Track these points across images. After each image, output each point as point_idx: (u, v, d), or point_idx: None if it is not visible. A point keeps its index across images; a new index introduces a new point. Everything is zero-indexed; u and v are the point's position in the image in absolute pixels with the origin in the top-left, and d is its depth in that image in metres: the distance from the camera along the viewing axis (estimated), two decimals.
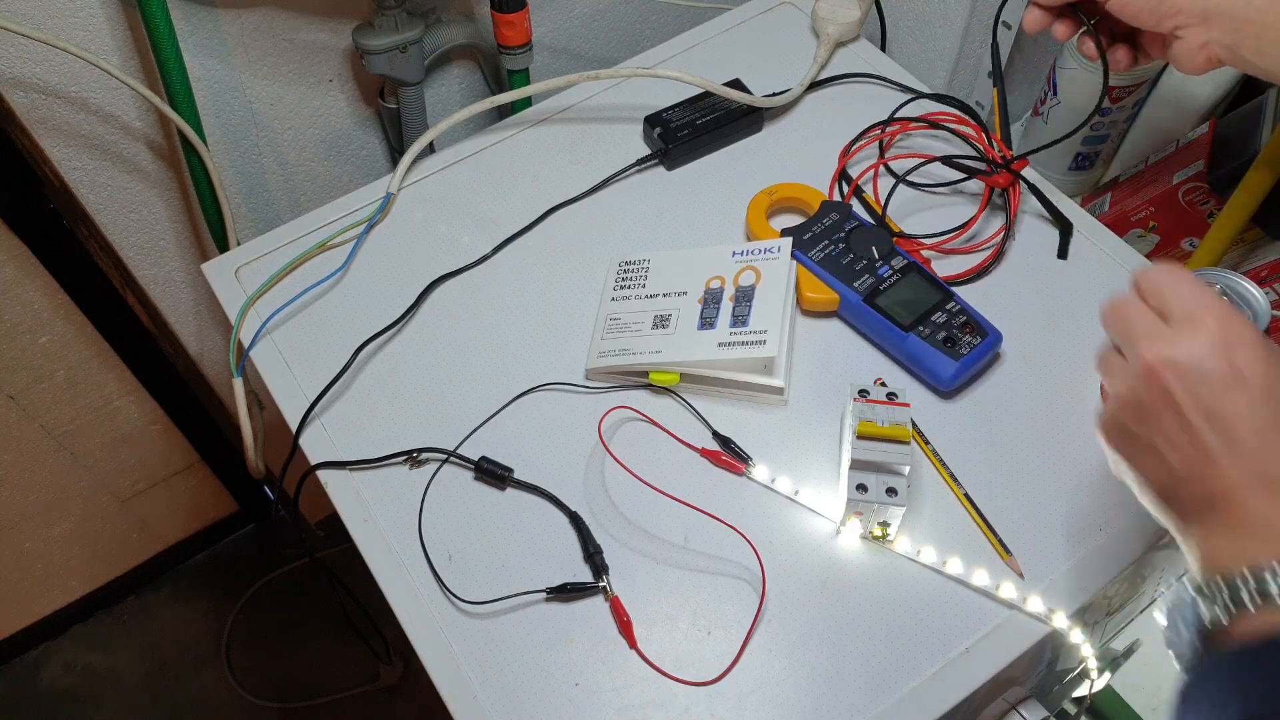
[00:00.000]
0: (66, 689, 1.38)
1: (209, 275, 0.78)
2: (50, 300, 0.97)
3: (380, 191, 0.81)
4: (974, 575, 0.60)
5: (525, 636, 0.60)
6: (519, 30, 0.87)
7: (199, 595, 1.45)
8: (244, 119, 0.90)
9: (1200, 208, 0.89)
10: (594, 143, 0.85)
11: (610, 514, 0.64)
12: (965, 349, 0.67)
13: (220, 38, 0.83)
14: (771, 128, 0.86)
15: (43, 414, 1.08)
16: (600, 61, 1.07)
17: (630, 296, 0.73)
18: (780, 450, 0.67)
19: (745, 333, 0.67)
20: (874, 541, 0.63)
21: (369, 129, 0.99)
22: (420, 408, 0.70)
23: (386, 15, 0.83)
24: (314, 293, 0.76)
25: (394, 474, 0.67)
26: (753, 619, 0.60)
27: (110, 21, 0.78)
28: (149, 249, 0.97)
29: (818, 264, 0.72)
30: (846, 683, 0.58)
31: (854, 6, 0.89)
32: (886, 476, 0.60)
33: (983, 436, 0.67)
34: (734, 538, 0.62)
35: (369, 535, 0.64)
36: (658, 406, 0.69)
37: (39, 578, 1.32)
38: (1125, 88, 0.88)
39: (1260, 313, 0.59)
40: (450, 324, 0.74)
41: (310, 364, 0.72)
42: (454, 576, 0.62)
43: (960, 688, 0.57)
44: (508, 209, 0.80)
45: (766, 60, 0.89)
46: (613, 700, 0.57)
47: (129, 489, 1.27)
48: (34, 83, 0.79)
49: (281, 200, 0.99)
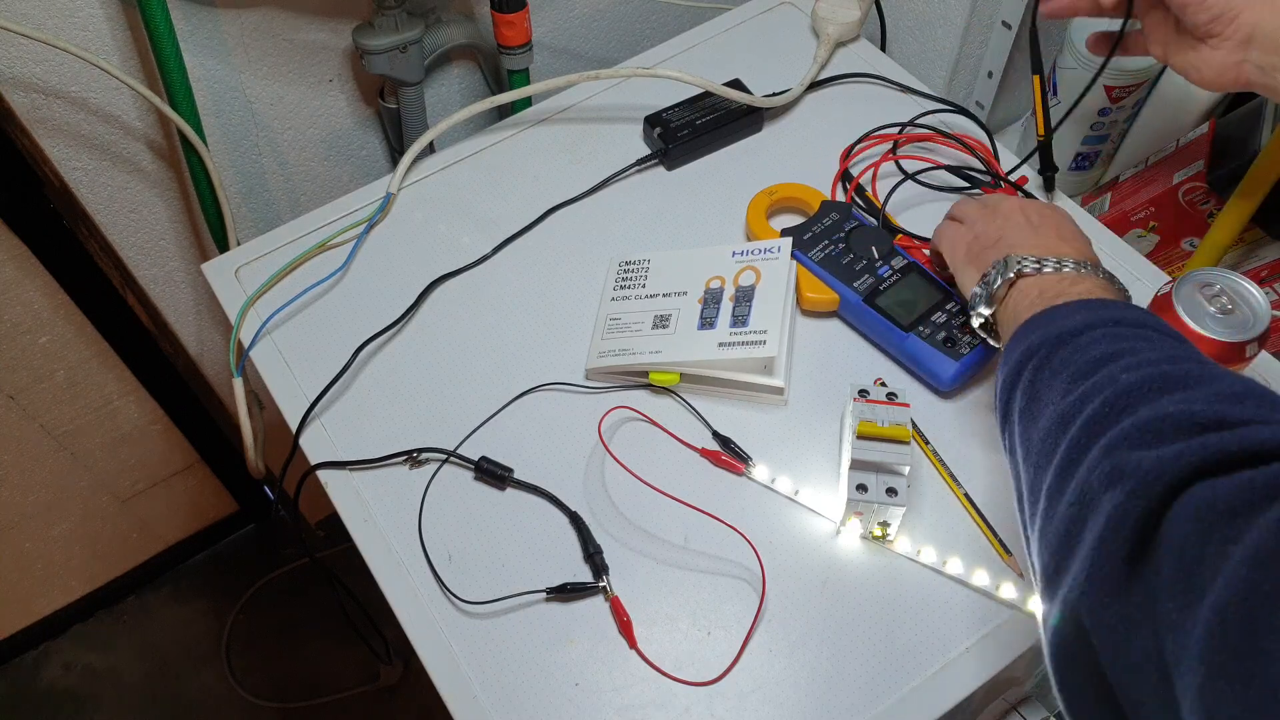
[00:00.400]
0: (66, 689, 1.38)
1: (209, 275, 0.78)
2: (50, 300, 0.97)
3: (380, 191, 0.81)
4: (974, 575, 0.60)
5: (525, 636, 0.60)
6: (519, 30, 0.87)
7: (199, 595, 1.45)
8: (244, 119, 0.90)
9: (1200, 208, 0.89)
10: (594, 143, 0.85)
11: (610, 514, 0.64)
12: (965, 349, 0.67)
13: (220, 38, 0.83)
14: (771, 128, 0.86)
15: (43, 414, 1.08)
16: (600, 61, 1.07)
17: (630, 296, 0.73)
18: (780, 450, 0.67)
19: (745, 333, 0.67)
20: (874, 541, 0.63)
21: (369, 129, 0.99)
22: (420, 408, 0.70)
23: (386, 15, 0.83)
24: (314, 293, 0.76)
25: (394, 474, 0.67)
26: (753, 619, 0.60)
27: (110, 21, 0.78)
28: (149, 249, 0.97)
29: (818, 264, 0.72)
30: (846, 683, 0.58)
31: (854, 6, 0.89)
32: (886, 476, 0.60)
33: (983, 436, 0.67)
34: (734, 538, 0.62)
35: (369, 535, 0.64)
36: (658, 406, 0.69)
37: (39, 578, 1.32)
38: (1125, 88, 0.88)
39: (1260, 313, 0.59)
40: (450, 324, 0.74)
41: (310, 364, 0.72)
42: (454, 576, 0.62)
43: (960, 688, 0.57)
44: (508, 209, 0.80)
45: (766, 60, 0.89)
46: (613, 700, 0.57)
47: (129, 489, 1.27)
48: (34, 83, 0.79)
49: (281, 200, 0.99)
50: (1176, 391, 0.42)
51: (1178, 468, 0.37)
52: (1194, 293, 0.60)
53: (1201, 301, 0.59)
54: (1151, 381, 0.43)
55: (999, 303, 0.58)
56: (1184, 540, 0.36)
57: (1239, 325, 0.58)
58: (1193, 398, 0.41)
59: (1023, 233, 0.60)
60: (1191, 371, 0.43)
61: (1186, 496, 0.37)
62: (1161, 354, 0.45)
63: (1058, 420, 0.45)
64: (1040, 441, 0.46)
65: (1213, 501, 0.36)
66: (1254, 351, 0.59)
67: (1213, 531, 0.35)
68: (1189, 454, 0.37)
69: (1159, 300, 0.61)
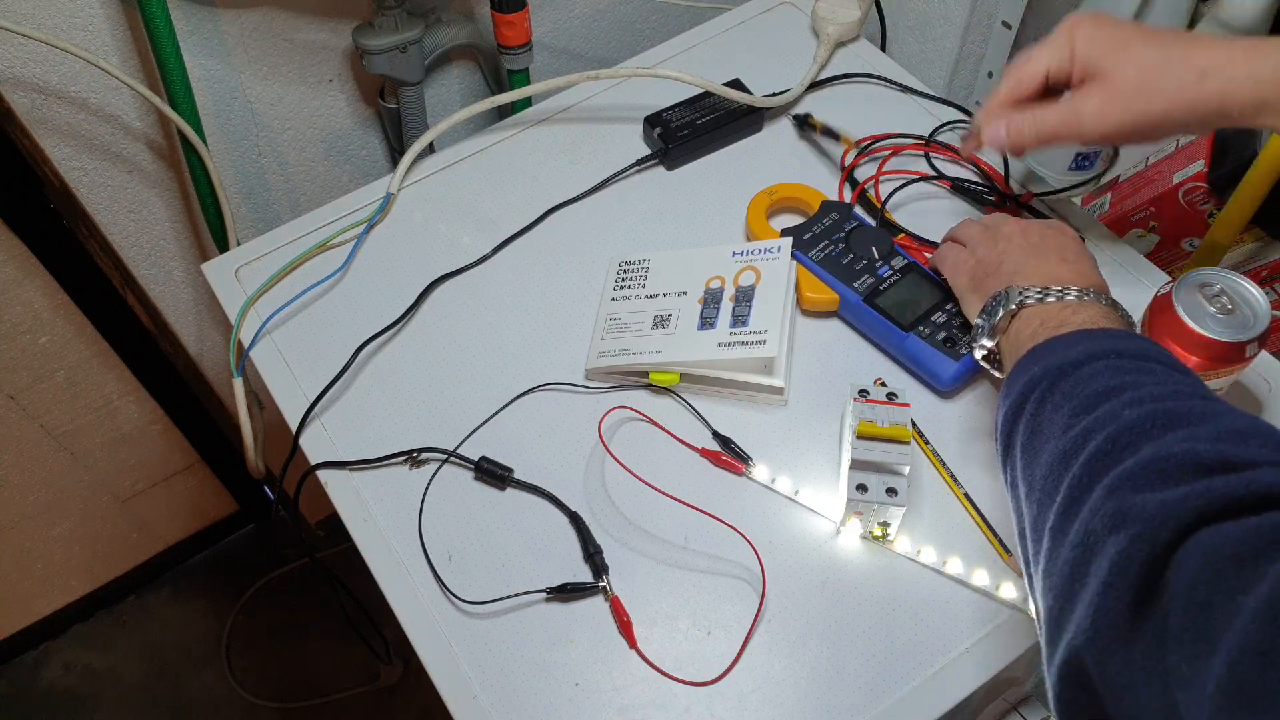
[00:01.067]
0: (66, 689, 1.38)
1: (209, 275, 0.78)
2: (50, 300, 0.97)
3: (380, 191, 0.81)
4: (974, 575, 0.60)
5: (525, 636, 0.60)
6: (519, 30, 0.87)
7: (199, 595, 1.45)
8: (244, 119, 0.90)
9: (1200, 208, 0.89)
10: (594, 143, 0.85)
11: (610, 514, 0.64)
12: (965, 349, 0.67)
13: (220, 38, 0.83)
14: (771, 128, 0.86)
15: (43, 414, 1.08)
16: (600, 61, 1.07)
17: (630, 296, 0.73)
18: (780, 450, 0.67)
19: (745, 333, 0.67)
20: (874, 541, 0.63)
21: (369, 129, 0.99)
22: (420, 408, 0.70)
23: (386, 15, 0.83)
24: (314, 293, 0.76)
25: (394, 474, 0.67)
26: (753, 619, 0.60)
27: (110, 21, 0.78)
28: (149, 249, 0.97)
29: (818, 264, 0.72)
30: (846, 683, 0.58)
31: (854, 6, 0.89)
32: (886, 476, 0.60)
33: (983, 436, 0.67)
34: (734, 538, 0.62)
35: (369, 535, 0.64)
36: (658, 406, 0.69)
37: (39, 578, 1.32)
38: None
39: (1260, 313, 0.59)
40: (450, 324, 0.74)
41: (310, 364, 0.72)
42: (454, 576, 0.62)
43: (960, 688, 0.57)
44: (508, 209, 0.80)
45: (766, 60, 0.89)
46: (613, 700, 0.57)
47: (129, 489, 1.27)
48: (34, 83, 0.79)
49: (281, 200, 0.99)
50: (1180, 428, 0.41)
51: (1183, 512, 0.37)
52: (1194, 293, 0.60)
53: (1201, 301, 0.59)
54: (1155, 418, 0.42)
55: (1001, 334, 0.58)
56: (1191, 588, 0.35)
57: (1239, 325, 0.58)
58: (1197, 435, 0.40)
59: (1024, 258, 0.60)
60: (1195, 408, 0.42)
61: (1193, 542, 0.36)
62: (1165, 389, 0.45)
63: (1060, 457, 0.45)
64: (1043, 478, 0.46)
65: (1220, 548, 0.35)
66: (1254, 351, 0.59)
67: (1220, 580, 0.34)
68: (1194, 497, 0.37)
69: (1159, 300, 0.61)
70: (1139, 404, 0.43)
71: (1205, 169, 0.88)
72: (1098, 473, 0.42)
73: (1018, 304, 0.56)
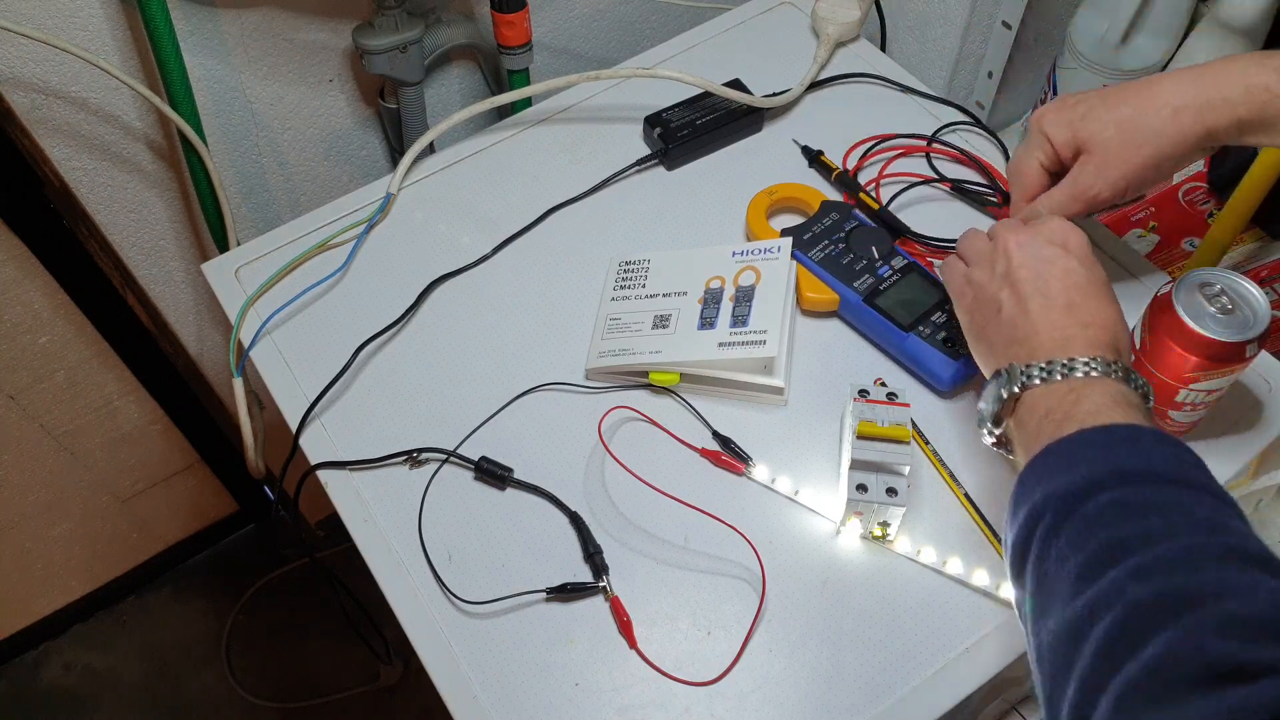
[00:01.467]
0: (66, 689, 1.38)
1: (209, 275, 0.78)
2: (50, 300, 0.97)
3: (380, 191, 0.81)
4: (974, 575, 0.60)
5: (525, 636, 0.60)
6: (519, 30, 0.87)
7: (199, 595, 1.45)
8: (244, 119, 0.90)
9: (1200, 208, 0.89)
10: (594, 143, 0.85)
11: (610, 514, 0.64)
12: (965, 349, 0.67)
13: (220, 38, 0.83)
14: (771, 128, 0.86)
15: (43, 414, 1.08)
16: (600, 61, 1.07)
17: (630, 296, 0.73)
18: (780, 450, 0.67)
19: (745, 333, 0.67)
20: (874, 541, 0.63)
21: (369, 129, 0.99)
22: (420, 408, 0.70)
23: (386, 15, 0.83)
24: (314, 293, 0.76)
25: (394, 474, 0.67)
26: (753, 619, 0.60)
27: (110, 21, 0.78)
28: (149, 249, 0.97)
29: (818, 264, 0.72)
30: (846, 683, 0.58)
31: (854, 6, 0.89)
32: (886, 476, 0.60)
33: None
34: (734, 538, 0.62)
35: (369, 535, 0.64)
36: (658, 406, 0.69)
37: (39, 578, 1.32)
38: None
39: (1260, 313, 0.59)
40: (450, 324, 0.74)
41: (310, 364, 0.72)
42: (454, 576, 0.62)
43: (960, 688, 0.57)
44: (508, 209, 0.80)
45: (766, 60, 0.89)
46: (613, 700, 0.57)
47: (129, 489, 1.27)
48: (34, 83, 0.79)
49: (281, 200, 0.99)
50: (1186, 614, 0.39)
51: None
52: (1194, 293, 0.60)
53: (1201, 301, 0.59)
54: (1163, 598, 0.40)
55: (1009, 416, 0.55)
56: None
57: (1239, 325, 0.58)
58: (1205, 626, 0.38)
59: (1026, 309, 0.55)
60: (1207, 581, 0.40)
61: None
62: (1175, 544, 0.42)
63: (1068, 632, 0.43)
64: (1050, 648, 0.44)
65: None
66: (1254, 351, 0.59)
67: None
68: None
69: (1159, 300, 0.61)
70: (1146, 576, 0.41)
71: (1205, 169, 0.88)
72: (1106, 673, 0.40)
73: (1020, 385, 0.53)
